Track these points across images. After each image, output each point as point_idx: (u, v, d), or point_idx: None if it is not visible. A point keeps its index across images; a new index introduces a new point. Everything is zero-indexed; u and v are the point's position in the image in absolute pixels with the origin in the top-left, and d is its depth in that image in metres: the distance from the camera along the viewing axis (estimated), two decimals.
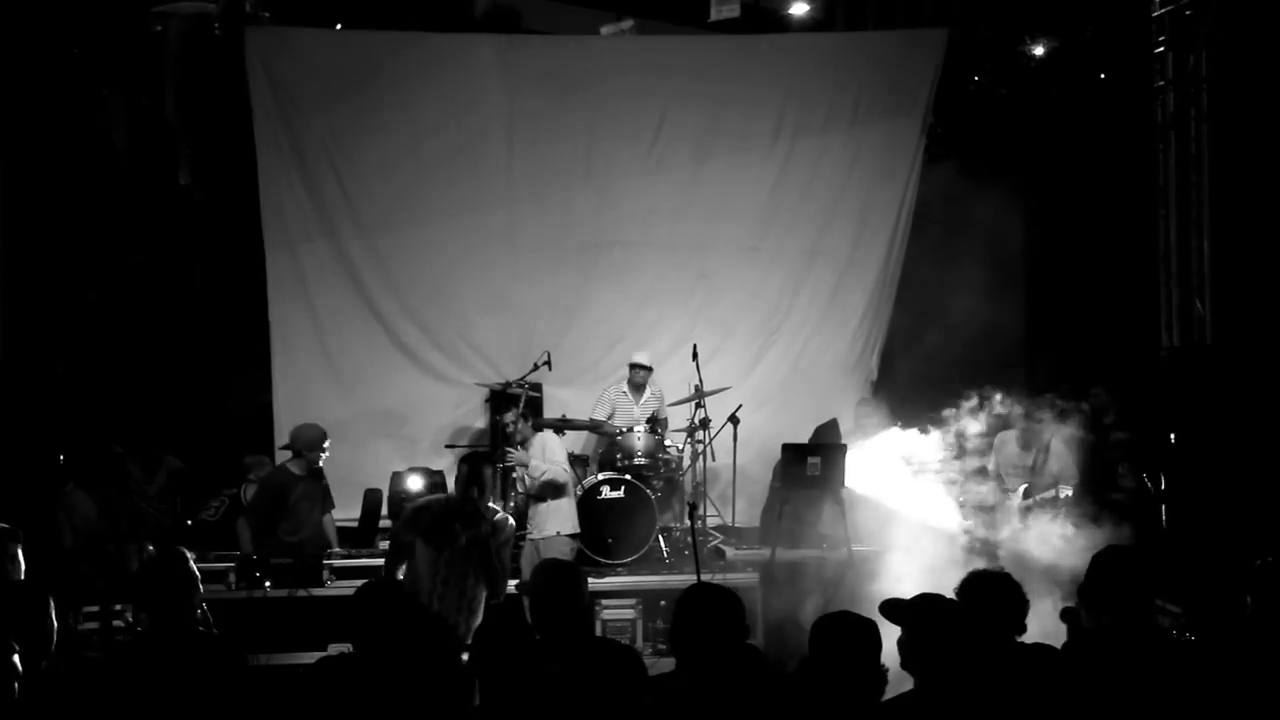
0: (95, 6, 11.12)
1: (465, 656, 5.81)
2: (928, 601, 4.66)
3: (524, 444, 9.92)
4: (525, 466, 9.81)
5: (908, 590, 4.91)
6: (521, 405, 10.20)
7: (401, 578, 7.55)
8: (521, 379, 11.07)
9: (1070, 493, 9.81)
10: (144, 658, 4.97)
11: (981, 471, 10.16)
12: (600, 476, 10.55)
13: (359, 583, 5.83)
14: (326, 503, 9.63)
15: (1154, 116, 12.08)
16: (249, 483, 10.34)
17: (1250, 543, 9.14)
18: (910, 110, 12.20)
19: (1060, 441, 10.04)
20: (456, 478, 7.76)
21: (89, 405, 10.71)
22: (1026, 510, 9.90)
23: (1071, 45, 12.41)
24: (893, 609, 4.64)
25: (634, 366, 11.33)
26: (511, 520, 7.82)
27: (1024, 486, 9.97)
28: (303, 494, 9.41)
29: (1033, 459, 10.00)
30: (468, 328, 12.01)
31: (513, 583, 8.69)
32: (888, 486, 10.00)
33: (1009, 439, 10.22)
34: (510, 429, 10.06)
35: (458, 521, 7.45)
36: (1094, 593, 4.98)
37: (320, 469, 9.49)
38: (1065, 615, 5.30)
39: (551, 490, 9.64)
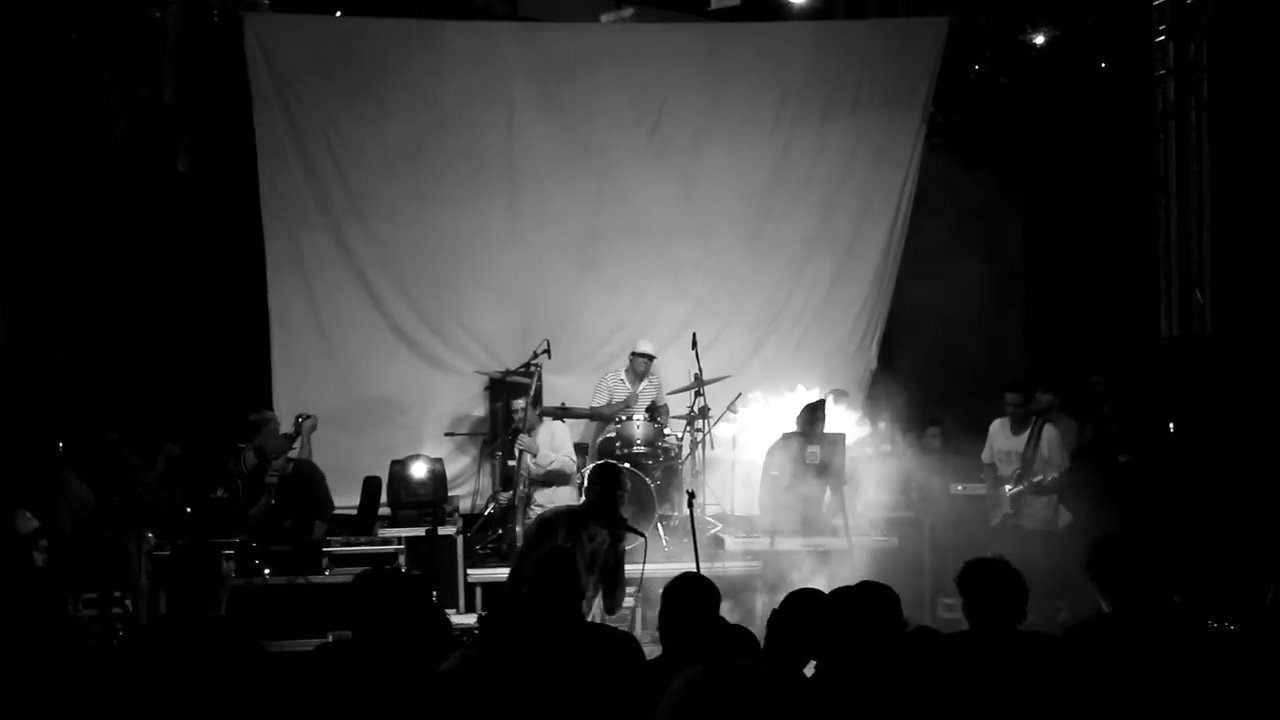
0: None
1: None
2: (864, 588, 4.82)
3: (531, 431, 10.01)
4: (534, 454, 9.89)
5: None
6: (532, 393, 10.26)
7: None
8: (521, 367, 11.10)
9: (1056, 475, 9.80)
10: (162, 643, 5.00)
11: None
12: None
13: (358, 570, 5.84)
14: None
15: (1154, 105, 12.09)
16: (251, 445, 10.26)
17: (1251, 531, 9.15)
18: (911, 99, 12.19)
19: (1052, 428, 10.04)
20: (589, 487, 7.43)
21: (88, 392, 10.71)
22: (1017, 498, 9.92)
23: (1072, 34, 12.40)
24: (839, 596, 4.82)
25: (637, 355, 11.33)
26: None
27: (1015, 472, 9.97)
28: None
29: (1024, 446, 10.00)
30: (467, 315, 12.01)
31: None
32: None
33: (1001, 428, 10.22)
34: (519, 416, 10.12)
35: (596, 523, 7.18)
36: (1096, 581, 4.99)
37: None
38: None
39: (557, 478, 9.78)
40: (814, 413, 9.89)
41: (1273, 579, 5.28)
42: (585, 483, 7.35)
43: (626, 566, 9.74)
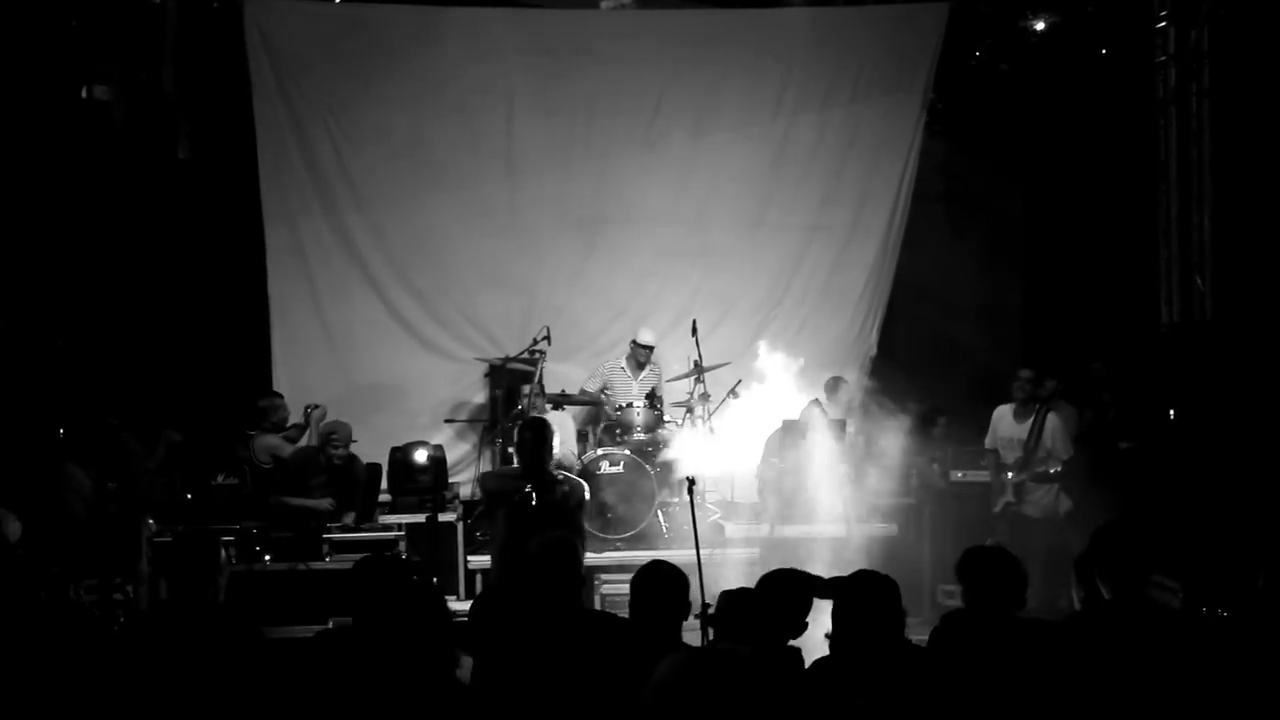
0: None
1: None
2: (862, 577, 4.79)
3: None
4: None
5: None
6: (536, 381, 10.27)
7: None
8: (521, 354, 11.11)
9: (1060, 468, 9.83)
10: (162, 630, 5.02)
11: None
12: (599, 452, 10.56)
13: (359, 557, 5.84)
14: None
15: (1155, 91, 12.03)
16: (261, 431, 10.26)
17: (1250, 519, 9.15)
18: (911, 85, 12.18)
19: (1055, 416, 10.05)
20: (519, 444, 7.52)
21: (88, 379, 10.70)
22: (1019, 485, 9.93)
23: (1072, 20, 12.36)
24: (827, 585, 4.82)
25: (638, 346, 11.33)
26: (583, 484, 7.67)
27: (1018, 460, 9.98)
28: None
29: (1028, 434, 10.02)
30: (467, 302, 12.03)
31: None
32: None
33: (1005, 414, 10.23)
34: (525, 402, 10.13)
35: (530, 485, 7.19)
36: (1096, 567, 5.00)
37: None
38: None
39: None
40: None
41: (1263, 566, 5.29)
42: (517, 442, 7.50)
43: (627, 554, 9.86)
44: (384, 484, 10.45)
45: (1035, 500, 9.98)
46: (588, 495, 7.63)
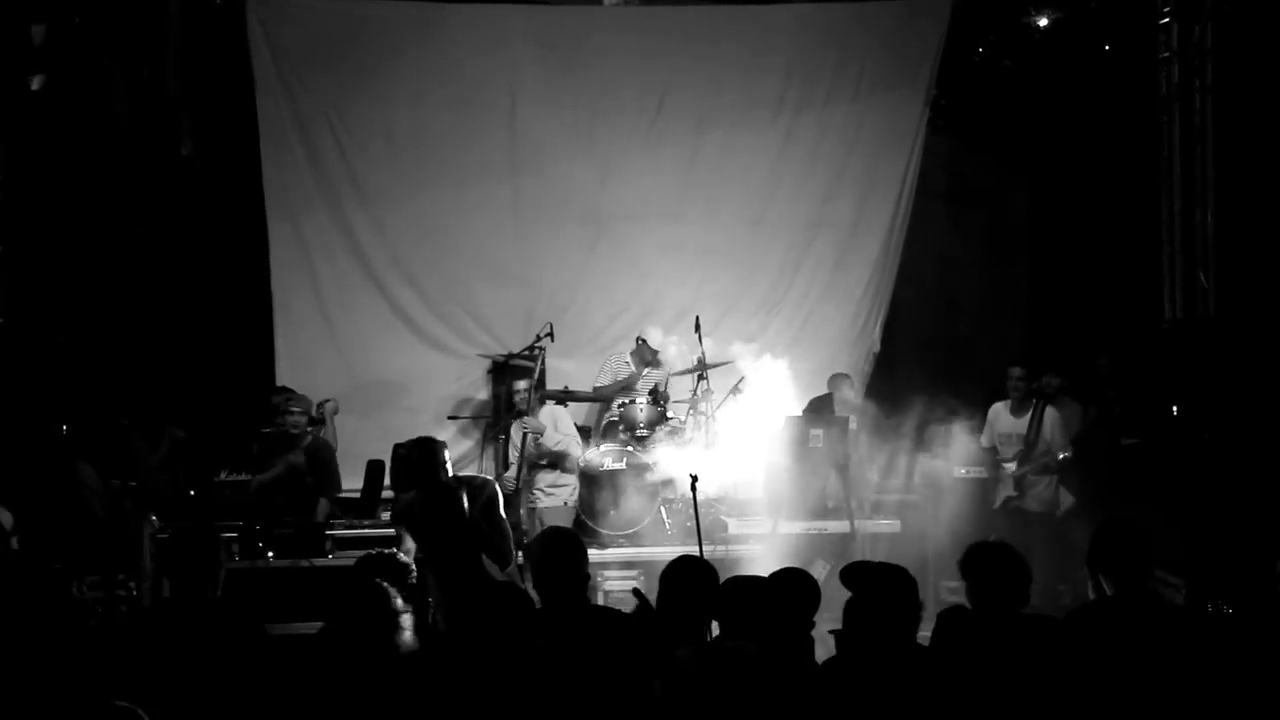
0: None
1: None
2: (887, 570, 4.75)
3: (532, 414, 10.04)
4: (539, 435, 9.89)
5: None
6: (535, 376, 10.27)
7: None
8: (524, 350, 11.11)
9: (1069, 453, 9.85)
10: (165, 626, 5.03)
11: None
12: (602, 448, 10.56)
13: (361, 553, 5.86)
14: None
15: (1158, 88, 12.04)
16: (276, 427, 10.27)
17: (1252, 516, 9.15)
18: (914, 82, 12.17)
19: (1053, 410, 10.06)
20: (410, 465, 7.68)
21: (90, 376, 10.71)
22: (1020, 479, 9.94)
23: (1076, 16, 12.36)
24: (852, 575, 4.77)
25: (645, 345, 11.27)
26: (491, 479, 7.72)
27: (1018, 454, 9.98)
28: None
29: (1026, 428, 10.03)
30: (470, 299, 12.02)
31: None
32: None
33: (1000, 411, 10.23)
34: (520, 397, 10.14)
35: (434, 511, 7.31)
36: (1099, 563, 5.00)
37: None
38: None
39: (561, 460, 9.79)
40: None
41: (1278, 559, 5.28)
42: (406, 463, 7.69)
43: (629, 550, 9.86)
44: (386, 480, 10.45)
45: (1036, 494, 9.99)
46: (500, 490, 7.66)
